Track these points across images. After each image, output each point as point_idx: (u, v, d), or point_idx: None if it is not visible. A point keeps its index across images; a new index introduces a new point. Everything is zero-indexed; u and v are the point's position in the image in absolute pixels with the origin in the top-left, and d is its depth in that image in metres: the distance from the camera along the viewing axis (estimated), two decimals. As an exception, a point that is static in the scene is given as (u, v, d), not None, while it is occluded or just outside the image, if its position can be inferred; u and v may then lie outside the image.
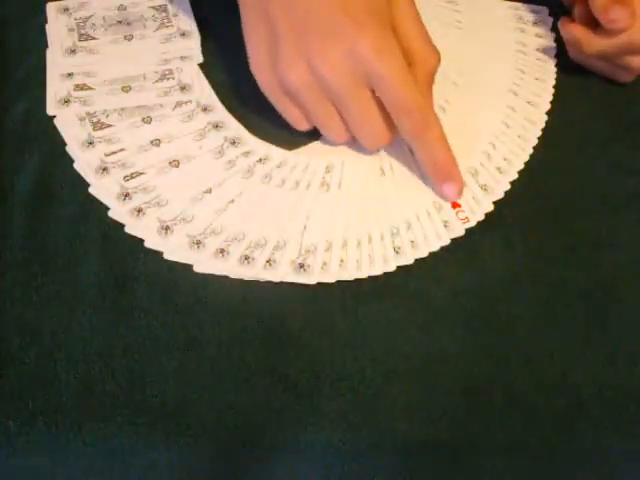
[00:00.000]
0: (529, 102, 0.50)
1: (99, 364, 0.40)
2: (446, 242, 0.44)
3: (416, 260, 0.44)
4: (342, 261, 0.43)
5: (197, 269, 0.43)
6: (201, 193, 0.45)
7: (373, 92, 0.43)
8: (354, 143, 0.46)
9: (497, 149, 0.48)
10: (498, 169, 0.47)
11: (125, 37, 0.51)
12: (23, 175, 0.46)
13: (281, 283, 0.42)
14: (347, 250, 0.43)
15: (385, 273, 0.43)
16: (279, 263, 0.43)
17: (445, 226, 0.44)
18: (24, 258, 0.43)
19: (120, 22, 0.52)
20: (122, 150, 0.46)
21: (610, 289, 0.43)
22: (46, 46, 0.51)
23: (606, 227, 0.45)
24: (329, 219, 0.44)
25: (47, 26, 0.52)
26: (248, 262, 0.43)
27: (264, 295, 0.42)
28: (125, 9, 0.53)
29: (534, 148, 0.48)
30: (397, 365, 0.40)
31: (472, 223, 0.45)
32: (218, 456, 0.39)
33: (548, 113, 0.50)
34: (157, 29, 0.52)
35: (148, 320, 0.41)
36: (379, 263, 0.43)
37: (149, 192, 0.45)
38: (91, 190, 0.45)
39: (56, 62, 0.50)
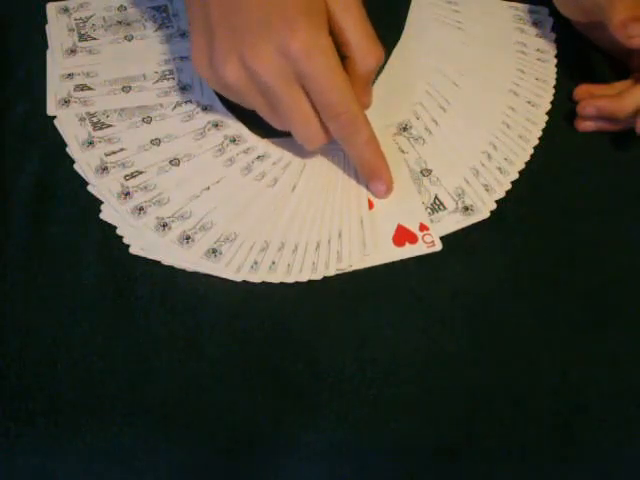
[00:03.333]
0: (529, 102, 0.50)
1: (99, 364, 0.40)
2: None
3: (416, 260, 0.44)
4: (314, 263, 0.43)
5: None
6: (200, 190, 0.45)
7: None
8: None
9: (498, 149, 0.48)
10: (499, 169, 0.47)
11: (125, 37, 0.51)
12: (23, 175, 0.46)
13: (281, 283, 0.42)
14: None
15: (385, 273, 0.43)
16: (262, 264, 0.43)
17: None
18: (24, 258, 0.43)
19: (120, 22, 0.52)
20: (122, 150, 0.46)
21: (610, 289, 0.43)
22: (46, 46, 0.51)
23: (606, 227, 0.45)
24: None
25: (47, 26, 0.52)
26: (215, 256, 0.43)
27: (264, 295, 0.42)
28: (125, 9, 0.53)
29: (535, 148, 0.48)
30: (397, 366, 0.40)
31: (437, 248, 0.44)
32: (218, 456, 0.39)
33: (548, 113, 0.50)
34: (157, 29, 0.52)
35: (148, 320, 0.41)
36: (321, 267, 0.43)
37: (150, 191, 0.45)
38: (90, 189, 0.45)
39: (56, 62, 0.50)
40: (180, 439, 0.39)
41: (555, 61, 0.52)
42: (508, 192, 0.46)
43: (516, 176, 0.47)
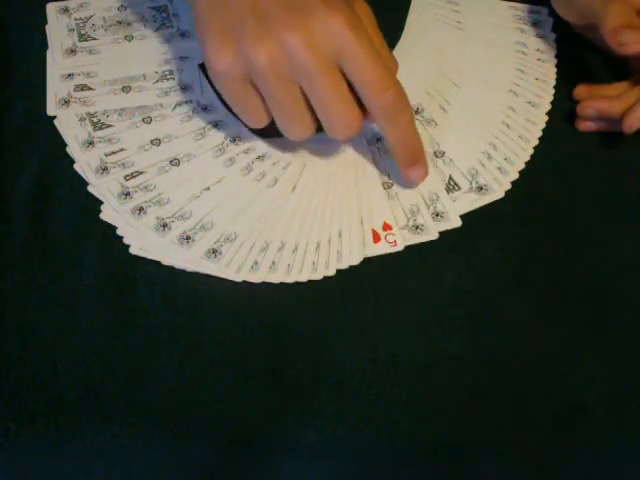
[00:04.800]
0: (529, 102, 0.50)
1: (99, 364, 0.40)
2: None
3: (416, 260, 0.44)
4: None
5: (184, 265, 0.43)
6: (201, 190, 0.45)
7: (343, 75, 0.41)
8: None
9: (498, 149, 0.48)
10: (499, 169, 0.47)
11: (125, 37, 0.51)
12: (23, 175, 0.46)
13: (281, 283, 0.42)
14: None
15: (385, 273, 0.43)
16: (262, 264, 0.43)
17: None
18: (24, 258, 0.43)
19: (120, 22, 0.52)
20: (122, 150, 0.46)
21: (610, 289, 0.43)
22: (46, 46, 0.51)
23: (606, 227, 0.45)
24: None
25: (47, 26, 0.52)
26: (215, 256, 0.43)
27: (264, 295, 0.42)
28: (125, 9, 0.53)
29: (535, 148, 0.48)
30: (397, 366, 0.40)
31: (399, 248, 0.44)
32: (218, 456, 0.39)
33: (548, 113, 0.50)
34: (157, 29, 0.52)
35: (148, 320, 0.41)
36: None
37: (150, 191, 0.45)
38: (90, 189, 0.45)
39: (56, 62, 0.50)
40: (180, 439, 0.39)
41: (555, 61, 0.52)
42: (508, 192, 0.46)
43: (516, 176, 0.47)
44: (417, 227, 0.44)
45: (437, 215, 0.45)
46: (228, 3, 0.41)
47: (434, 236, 0.44)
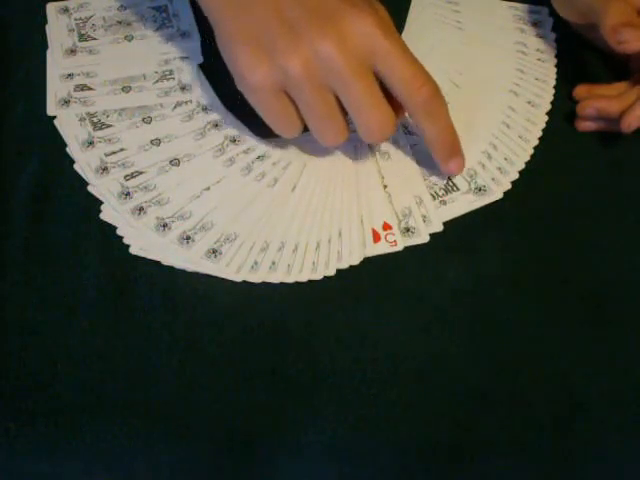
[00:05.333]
0: (529, 102, 0.50)
1: (99, 364, 0.40)
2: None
3: (416, 260, 0.44)
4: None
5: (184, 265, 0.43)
6: (201, 190, 0.45)
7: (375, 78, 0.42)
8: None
9: (498, 149, 0.48)
10: (499, 169, 0.47)
11: (125, 37, 0.51)
12: (23, 175, 0.46)
13: (281, 283, 0.42)
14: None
15: (385, 273, 0.43)
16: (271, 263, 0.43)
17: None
18: (24, 258, 0.43)
19: (120, 22, 0.52)
20: (122, 150, 0.46)
21: (610, 289, 0.43)
22: (46, 46, 0.51)
23: (606, 227, 0.45)
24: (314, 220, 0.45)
25: (47, 26, 0.52)
26: (215, 256, 0.43)
27: (264, 295, 0.42)
28: (125, 9, 0.53)
29: (535, 148, 0.48)
30: (397, 366, 0.40)
31: (399, 247, 0.44)
32: (218, 456, 0.39)
33: (548, 113, 0.50)
34: (157, 29, 0.52)
35: (148, 320, 0.41)
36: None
37: (150, 191, 0.45)
38: (90, 189, 0.45)
39: (56, 62, 0.50)
40: (180, 439, 0.39)
41: (555, 61, 0.52)
42: (508, 192, 0.46)
43: (516, 176, 0.47)
44: (408, 230, 0.44)
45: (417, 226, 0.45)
46: (252, 14, 0.41)
47: (425, 239, 0.44)
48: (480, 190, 0.46)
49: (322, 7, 0.40)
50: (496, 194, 0.46)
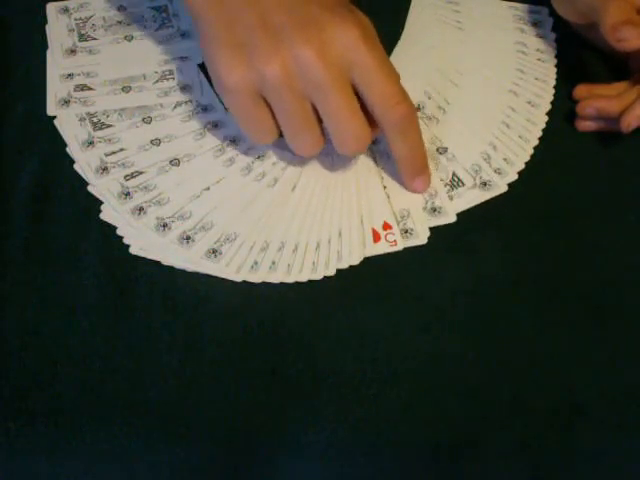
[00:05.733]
0: (529, 102, 0.50)
1: (99, 364, 0.40)
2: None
3: (416, 260, 0.44)
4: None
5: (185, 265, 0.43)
6: (201, 190, 0.45)
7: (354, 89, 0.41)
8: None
9: (497, 149, 0.48)
10: (498, 169, 0.47)
11: (125, 37, 0.51)
12: (23, 175, 0.46)
13: (281, 283, 0.42)
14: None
15: (385, 273, 0.43)
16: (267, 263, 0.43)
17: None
18: (24, 258, 0.43)
19: (120, 22, 0.52)
20: (122, 150, 0.46)
21: (610, 289, 0.43)
22: (46, 46, 0.51)
23: (606, 227, 0.45)
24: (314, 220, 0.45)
25: (47, 26, 0.52)
26: (215, 256, 0.43)
27: (264, 295, 0.42)
28: (125, 9, 0.53)
29: (535, 148, 0.48)
30: (397, 366, 0.40)
31: (399, 247, 0.44)
32: (218, 456, 0.39)
33: (548, 113, 0.50)
34: (157, 29, 0.52)
35: (148, 320, 0.41)
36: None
37: (150, 191, 0.45)
38: (90, 189, 0.45)
39: (56, 62, 0.50)
40: (180, 439, 0.39)
41: (555, 61, 0.52)
42: (508, 192, 0.46)
43: (515, 176, 0.47)
44: (406, 231, 0.44)
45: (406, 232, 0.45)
46: (237, 18, 0.40)
47: (423, 241, 0.44)
48: (485, 185, 0.46)
49: (308, 15, 0.40)
50: (501, 187, 0.46)
